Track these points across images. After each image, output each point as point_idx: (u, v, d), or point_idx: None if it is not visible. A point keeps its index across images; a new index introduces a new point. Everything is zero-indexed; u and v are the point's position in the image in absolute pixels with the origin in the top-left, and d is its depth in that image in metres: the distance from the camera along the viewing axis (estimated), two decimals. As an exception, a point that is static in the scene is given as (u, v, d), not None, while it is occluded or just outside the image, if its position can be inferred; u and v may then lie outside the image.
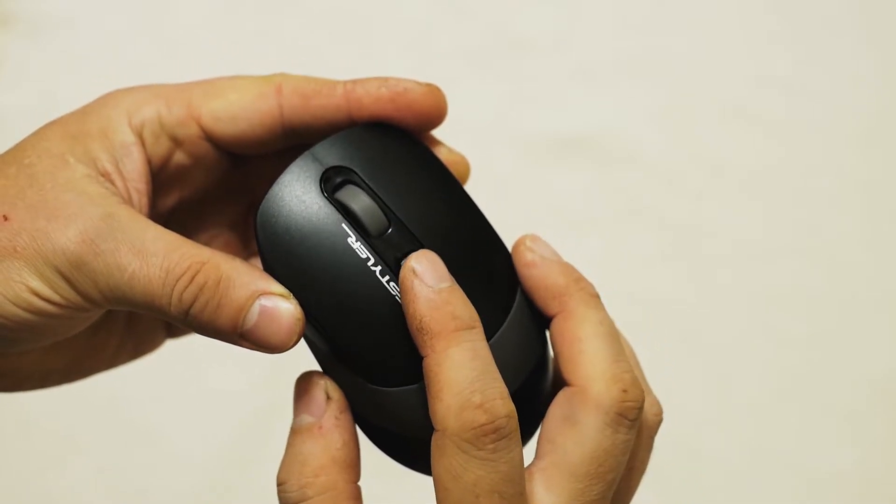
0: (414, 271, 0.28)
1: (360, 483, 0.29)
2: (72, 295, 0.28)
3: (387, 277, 0.29)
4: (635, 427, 0.29)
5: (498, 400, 0.27)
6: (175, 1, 0.67)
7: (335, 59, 0.67)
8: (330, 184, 0.30)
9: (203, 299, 0.28)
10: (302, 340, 0.29)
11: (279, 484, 0.29)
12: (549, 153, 0.67)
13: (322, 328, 0.29)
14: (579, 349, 0.30)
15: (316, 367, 0.31)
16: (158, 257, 0.27)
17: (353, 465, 0.29)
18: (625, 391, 0.29)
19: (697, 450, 0.62)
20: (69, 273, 0.27)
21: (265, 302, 0.28)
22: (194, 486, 0.62)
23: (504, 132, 0.66)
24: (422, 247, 0.29)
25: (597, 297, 0.31)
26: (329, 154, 0.30)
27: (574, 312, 0.30)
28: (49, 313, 0.28)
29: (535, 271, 0.31)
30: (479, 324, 0.28)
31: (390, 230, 0.29)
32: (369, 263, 0.29)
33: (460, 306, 0.28)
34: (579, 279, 0.31)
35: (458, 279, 0.29)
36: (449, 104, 0.33)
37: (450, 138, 0.34)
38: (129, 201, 0.29)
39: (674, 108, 0.68)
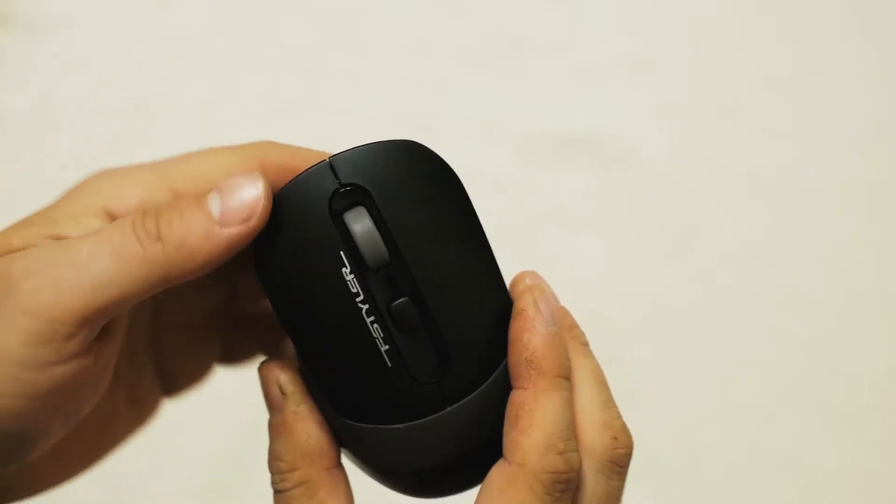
0: (536, 303, 0.29)
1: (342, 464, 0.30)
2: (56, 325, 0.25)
3: (371, 318, 0.28)
4: (626, 473, 0.30)
5: (575, 453, 0.28)
6: (175, 1, 0.67)
7: (335, 59, 0.67)
8: (340, 202, 0.28)
9: (165, 214, 0.26)
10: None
11: (270, 476, 0.30)
12: (549, 153, 0.67)
13: (300, 350, 0.29)
14: None
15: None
16: (94, 233, 0.26)
17: (324, 453, 0.29)
18: (615, 438, 0.29)
19: (697, 450, 0.62)
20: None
21: (216, 189, 0.27)
22: (194, 486, 0.62)
23: (504, 132, 0.66)
24: (419, 292, 0.28)
25: (587, 345, 0.31)
26: (348, 168, 0.28)
27: None
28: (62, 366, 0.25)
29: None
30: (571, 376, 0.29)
31: (390, 267, 0.28)
32: (358, 300, 0.28)
33: (566, 355, 0.29)
34: (572, 327, 0.31)
35: (450, 329, 0.28)
36: (449, 104, 0.32)
37: (450, 138, 0.33)
38: None
39: (674, 109, 0.68)
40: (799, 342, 0.64)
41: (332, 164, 0.28)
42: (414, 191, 0.28)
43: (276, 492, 0.29)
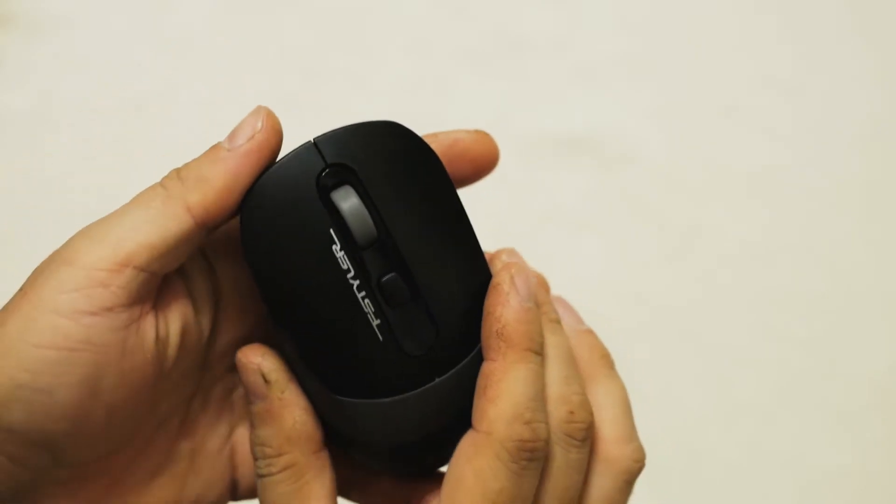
0: (513, 279, 0.29)
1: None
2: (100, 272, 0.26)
3: (363, 293, 0.28)
4: (586, 446, 0.30)
5: (543, 424, 0.28)
6: (175, 1, 0.67)
7: (335, 59, 0.67)
8: (327, 181, 0.28)
9: (185, 163, 0.28)
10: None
11: (254, 461, 0.30)
12: (549, 153, 0.67)
13: (290, 330, 0.29)
14: None
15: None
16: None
17: (311, 437, 0.29)
18: (571, 412, 0.29)
19: (697, 450, 0.62)
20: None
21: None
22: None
23: (504, 132, 0.66)
24: (406, 267, 0.28)
25: (557, 322, 0.31)
26: (333, 148, 0.28)
27: None
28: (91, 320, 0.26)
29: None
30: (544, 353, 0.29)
31: (378, 244, 0.28)
32: (349, 276, 0.28)
33: (538, 331, 0.29)
34: (544, 303, 0.31)
35: (437, 302, 0.29)
36: (449, 104, 0.33)
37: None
38: None
39: (674, 108, 0.68)
40: (799, 342, 0.64)
41: (317, 145, 0.28)
42: (398, 169, 0.29)
43: (262, 476, 0.29)
